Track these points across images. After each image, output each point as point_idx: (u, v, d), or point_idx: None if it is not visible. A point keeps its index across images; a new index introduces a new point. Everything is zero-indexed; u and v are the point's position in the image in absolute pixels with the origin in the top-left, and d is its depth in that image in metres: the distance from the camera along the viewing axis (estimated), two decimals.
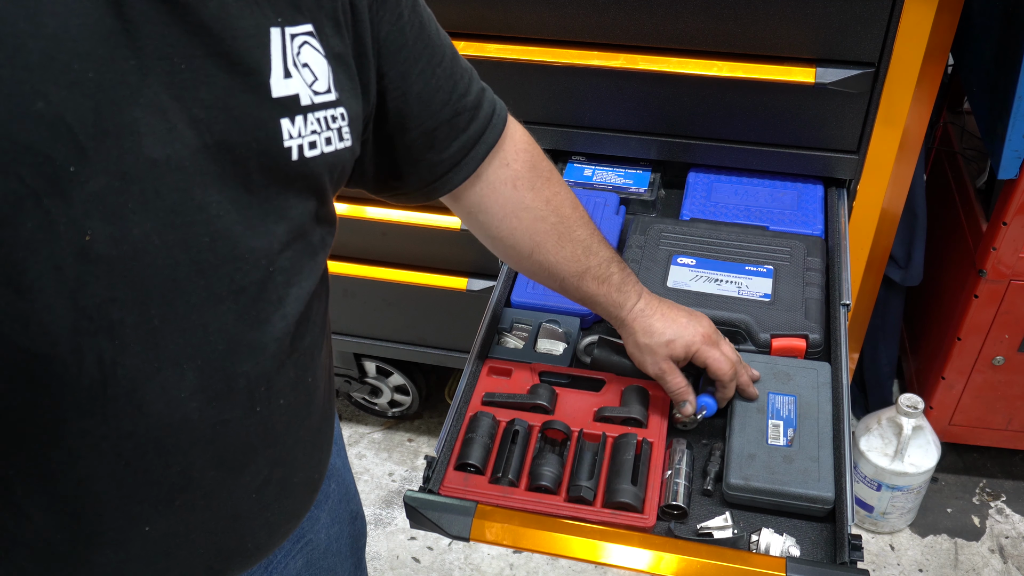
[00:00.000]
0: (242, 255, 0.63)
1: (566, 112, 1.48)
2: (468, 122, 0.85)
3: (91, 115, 0.53)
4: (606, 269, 1.00)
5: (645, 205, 1.46)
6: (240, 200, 0.62)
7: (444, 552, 1.99)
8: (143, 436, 0.64)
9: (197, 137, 0.58)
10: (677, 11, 1.31)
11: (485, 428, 1.04)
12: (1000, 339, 1.76)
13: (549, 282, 1.00)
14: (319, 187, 0.69)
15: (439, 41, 0.81)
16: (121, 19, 0.53)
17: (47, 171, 0.52)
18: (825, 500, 0.97)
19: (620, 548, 0.93)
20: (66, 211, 0.54)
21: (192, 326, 0.62)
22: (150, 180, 0.56)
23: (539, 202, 0.93)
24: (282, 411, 0.73)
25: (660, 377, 1.05)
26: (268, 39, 0.61)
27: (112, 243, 0.56)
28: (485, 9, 1.39)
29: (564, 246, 0.96)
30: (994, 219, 1.63)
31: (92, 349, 0.58)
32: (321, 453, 0.84)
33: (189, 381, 0.64)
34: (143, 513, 0.68)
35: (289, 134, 0.63)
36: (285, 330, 0.69)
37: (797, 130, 1.40)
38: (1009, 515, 2.01)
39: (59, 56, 0.51)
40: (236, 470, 0.71)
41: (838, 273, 1.25)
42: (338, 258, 1.79)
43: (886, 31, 1.26)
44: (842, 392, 1.07)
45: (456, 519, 0.95)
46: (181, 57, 0.56)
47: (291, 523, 0.83)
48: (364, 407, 2.29)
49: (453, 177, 0.87)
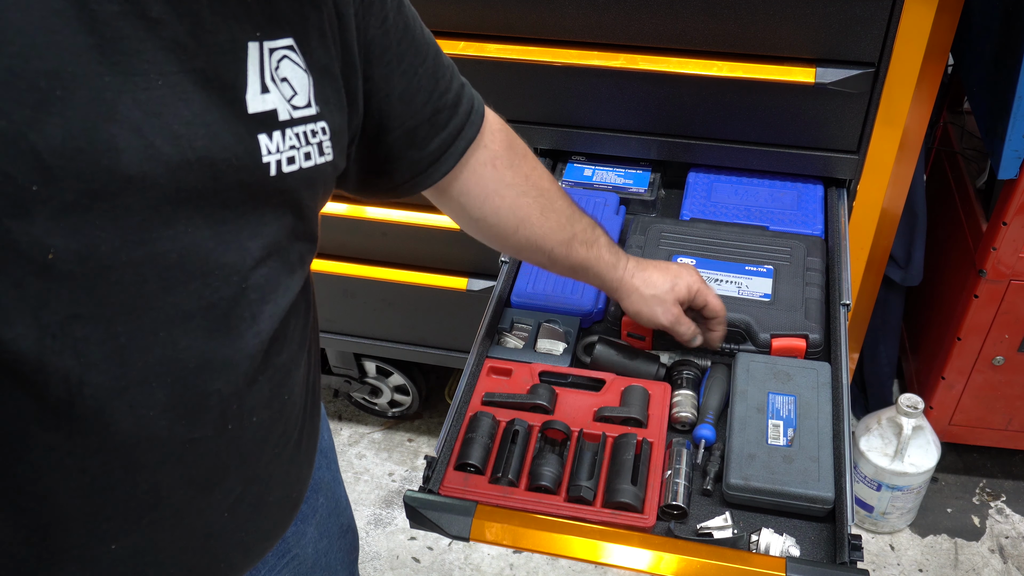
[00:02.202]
0: (212, 271, 0.62)
1: (566, 112, 1.48)
2: (448, 119, 0.85)
3: (59, 133, 0.52)
4: (592, 233, 1.01)
5: (645, 205, 1.46)
6: (215, 216, 0.61)
7: (444, 552, 1.99)
8: (110, 453, 0.63)
9: (178, 153, 0.57)
10: (677, 11, 1.31)
11: (485, 428, 1.04)
12: (1000, 339, 1.76)
13: (537, 256, 1.00)
14: (296, 203, 0.68)
15: (423, 40, 0.81)
16: (95, 35, 0.52)
17: (7, 190, 0.51)
18: (825, 500, 0.97)
19: (620, 548, 0.93)
20: (27, 229, 0.52)
21: (160, 343, 0.61)
22: (121, 196, 0.55)
23: (519, 178, 0.94)
24: (255, 428, 0.71)
25: (675, 322, 1.08)
26: (245, 54, 0.60)
27: (76, 260, 0.55)
28: (485, 9, 1.39)
29: (548, 217, 0.97)
30: (994, 219, 1.63)
31: (58, 367, 0.57)
32: (300, 470, 0.83)
33: (158, 399, 0.63)
34: (110, 531, 0.66)
35: (267, 149, 0.63)
36: (259, 347, 0.68)
37: (797, 130, 1.40)
38: (1009, 515, 2.01)
39: (24, 74, 0.50)
40: (207, 489, 0.70)
41: (838, 273, 1.25)
42: (338, 258, 1.79)
43: (886, 31, 1.26)
44: (842, 392, 1.07)
45: (456, 519, 0.95)
46: (157, 73, 0.56)
47: (267, 542, 0.81)
48: (364, 407, 2.29)
49: (434, 173, 0.87)
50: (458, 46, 1.43)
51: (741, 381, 1.10)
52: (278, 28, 0.63)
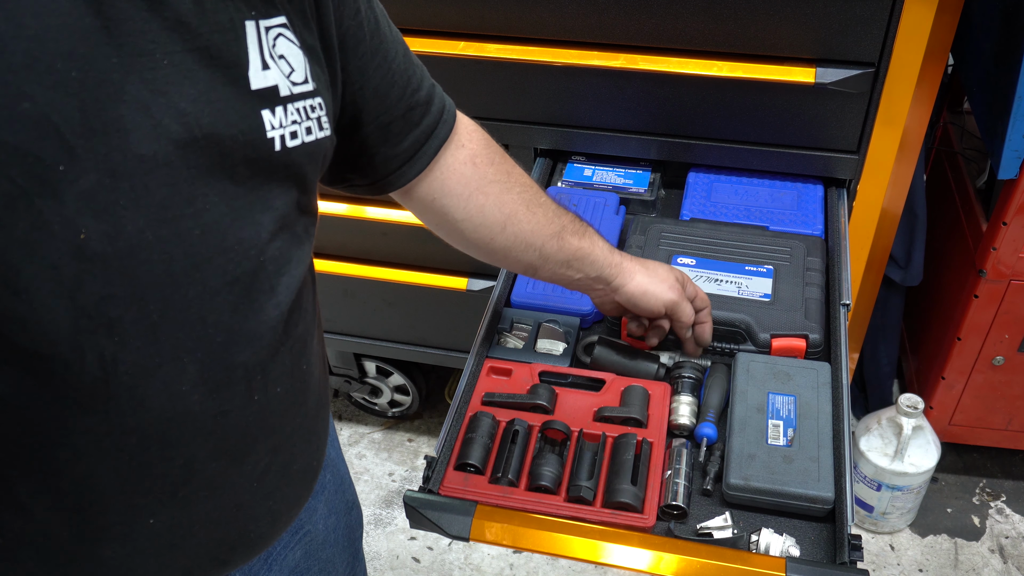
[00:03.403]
0: (232, 246, 0.64)
1: (566, 112, 1.48)
2: (421, 117, 0.86)
3: (77, 114, 0.53)
4: (580, 224, 1.01)
5: (645, 205, 1.46)
6: (227, 192, 0.63)
7: (444, 552, 1.99)
8: (146, 431, 0.64)
9: (185, 131, 0.58)
10: (677, 11, 1.31)
11: (485, 428, 1.04)
12: (1000, 339, 1.76)
13: (528, 253, 0.98)
14: (301, 176, 0.69)
15: (392, 36, 0.83)
16: (101, 17, 0.54)
17: (37, 171, 0.53)
18: (825, 500, 0.97)
19: (620, 548, 0.93)
20: (59, 210, 0.54)
21: (190, 319, 0.63)
22: (139, 176, 0.57)
23: (502, 174, 0.94)
24: (279, 399, 0.74)
25: (677, 301, 1.06)
26: (244, 32, 0.62)
27: (107, 240, 0.57)
28: (485, 9, 1.39)
29: (535, 211, 0.96)
30: (994, 219, 1.63)
31: (93, 347, 0.59)
32: (318, 439, 0.85)
33: (190, 374, 0.65)
34: (147, 506, 0.68)
35: (271, 125, 0.64)
36: (279, 318, 0.70)
37: (797, 130, 1.40)
38: (1009, 515, 2.01)
39: (42, 56, 0.52)
40: (237, 460, 0.72)
41: (838, 273, 1.25)
42: (338, 258, 1.79)
43: (886, 31, 1.26)
44: (842, 392, 1.07)
45: (456, 519, 0.95)
46: (162, 53, 0.57)
47: (292, 510, 0.84)
48: (364, 407, 2.29)
49: (407, 171, 0.88)
50: (458, 46, 1.43)
51: (741, 381, 1.10)
52: (272, 7, 0.64)
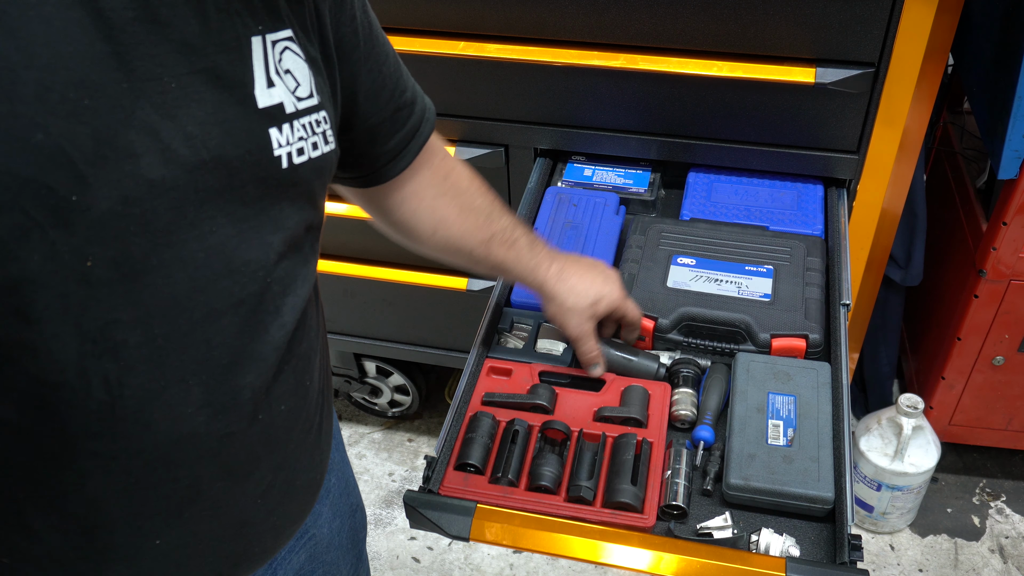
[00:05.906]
0: (238, 268, 0.64)
1: (566, 112, 1.48)
2: (407, 117, 0.87)
3: (90, 142, 0.53)
4: (511, 234, 1.01)
5: (645, 205, 1.46)
6: (236, 213, 0.62)
7: (444, 552, 1.99)
8: (151, 453, 0.64)
9: (193, 154, 0.58)
10: (677, 11, 1.31)
11: (485, 428, 1.04)
12: (1000, 339, 1.76)
13: (457, 258, 1.00)
14: (310, 193, 0.69)
15: (383, 41, 0.83)
16: (112, 43, 0.53)
17: (50, 202, 0.52)
18: (825, 500, 0.97)
19: (620, 548, 0.93)
20: (69, 240, 0.54)
21: (195, 342, 0.63)
22: (148, 201, 0.57)
23: (437, 179, 0.94)
24: (283, 417, 0.74)
25: (582, 337, 1.08)
26: (249, 50, 0.62)
27: (112, 266, 0.56)
28: (485, 9, 1.39)
29: (467, 218, 0.97)
30: (994, 219, 1.63)
31: (98, 372, 0.59)
32: (322, 452, 0.85)
33: (195, 396, 0.64)
34: (153, 527, 0.68)
35: (278, 143, 0.64)
36: (283, 339, 0.70)
37: (797, 130, 1.40)
38: (1009, 515, 2.01)
39: (54, 86, 0.51)
40: (242, 479, 0.72)
41: (838, 273, 1.25)
42: (338, 258, 1.79)
43: (886, 31, 1.26)
44: (842, 392, 1.07)
45: (456, 519, 0.95)
46: (170, 76, 0.57)
47: (296, 523, 0.84)
48: (364, 407, 2.29)
49: (391, 169, 0.88)
50: (458, 46, 1.43)
51: (741, 381, 1.10)
52: (278, 20, 0.64)
